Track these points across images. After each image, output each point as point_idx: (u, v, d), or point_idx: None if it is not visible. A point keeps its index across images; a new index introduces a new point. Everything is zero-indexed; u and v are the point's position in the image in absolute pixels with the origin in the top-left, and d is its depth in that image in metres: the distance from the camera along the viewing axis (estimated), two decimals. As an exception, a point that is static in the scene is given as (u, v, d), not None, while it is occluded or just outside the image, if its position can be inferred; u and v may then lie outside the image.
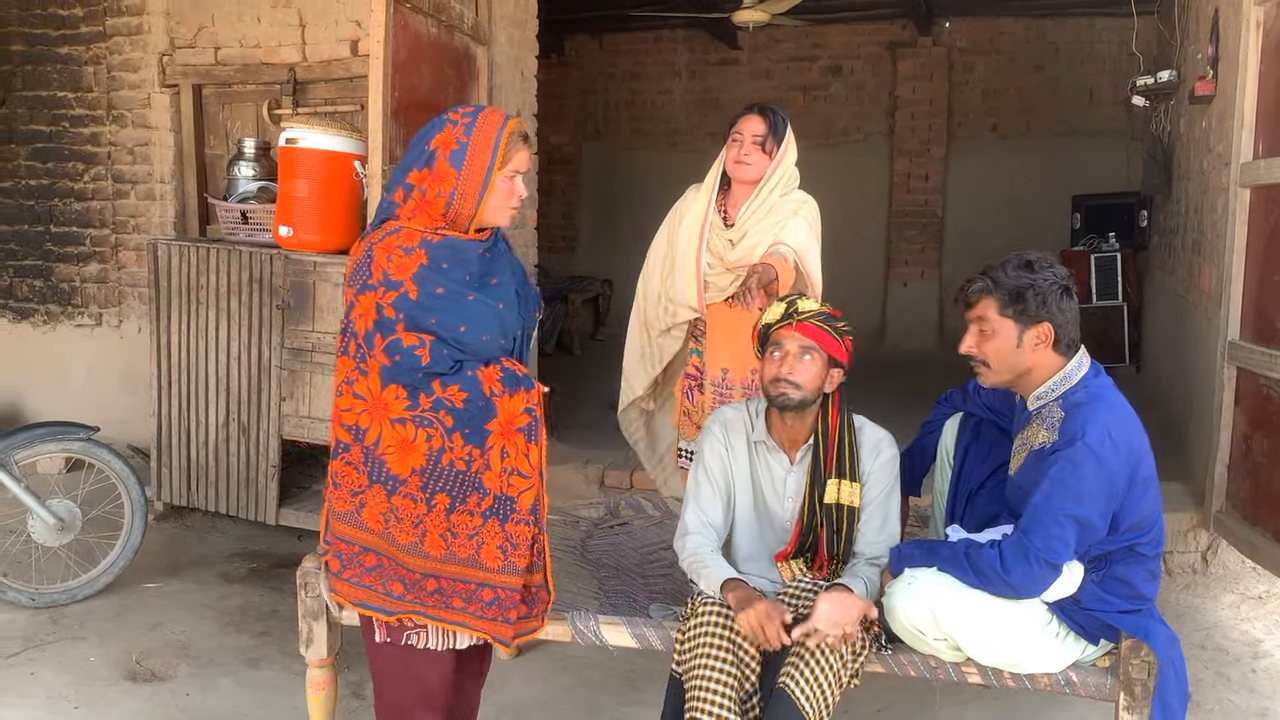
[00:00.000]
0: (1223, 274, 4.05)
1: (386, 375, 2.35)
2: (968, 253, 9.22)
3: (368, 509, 2.42)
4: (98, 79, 5.69)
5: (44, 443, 4.01)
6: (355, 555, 2.47)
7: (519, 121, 2.45)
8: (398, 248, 2.37)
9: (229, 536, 4.81)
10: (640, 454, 4.03)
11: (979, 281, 2.46)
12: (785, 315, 2.64)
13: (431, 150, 2.38)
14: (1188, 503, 4.39)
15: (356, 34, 5.05)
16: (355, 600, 2.49)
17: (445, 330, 2.35)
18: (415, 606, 2.44)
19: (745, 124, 3.47)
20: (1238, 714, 3.30)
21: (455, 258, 2.40)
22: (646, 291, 3.75)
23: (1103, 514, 2.33)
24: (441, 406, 2.35)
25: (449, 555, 2.41)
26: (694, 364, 3.67)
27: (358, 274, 2.39)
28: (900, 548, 2.54)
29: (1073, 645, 2.46)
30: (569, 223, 10.76)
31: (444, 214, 2.39)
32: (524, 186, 2.49)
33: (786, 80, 9.99)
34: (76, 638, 3.76)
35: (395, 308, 2.33)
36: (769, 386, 2.63)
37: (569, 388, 6.70)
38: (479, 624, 2.44)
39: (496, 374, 2.40)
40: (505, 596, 2.43)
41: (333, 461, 2.47)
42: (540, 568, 2.52)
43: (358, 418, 2.40)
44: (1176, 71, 6.14)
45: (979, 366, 2.51)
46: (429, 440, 2.36)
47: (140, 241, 5.61)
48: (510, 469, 2.40)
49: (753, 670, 2.43)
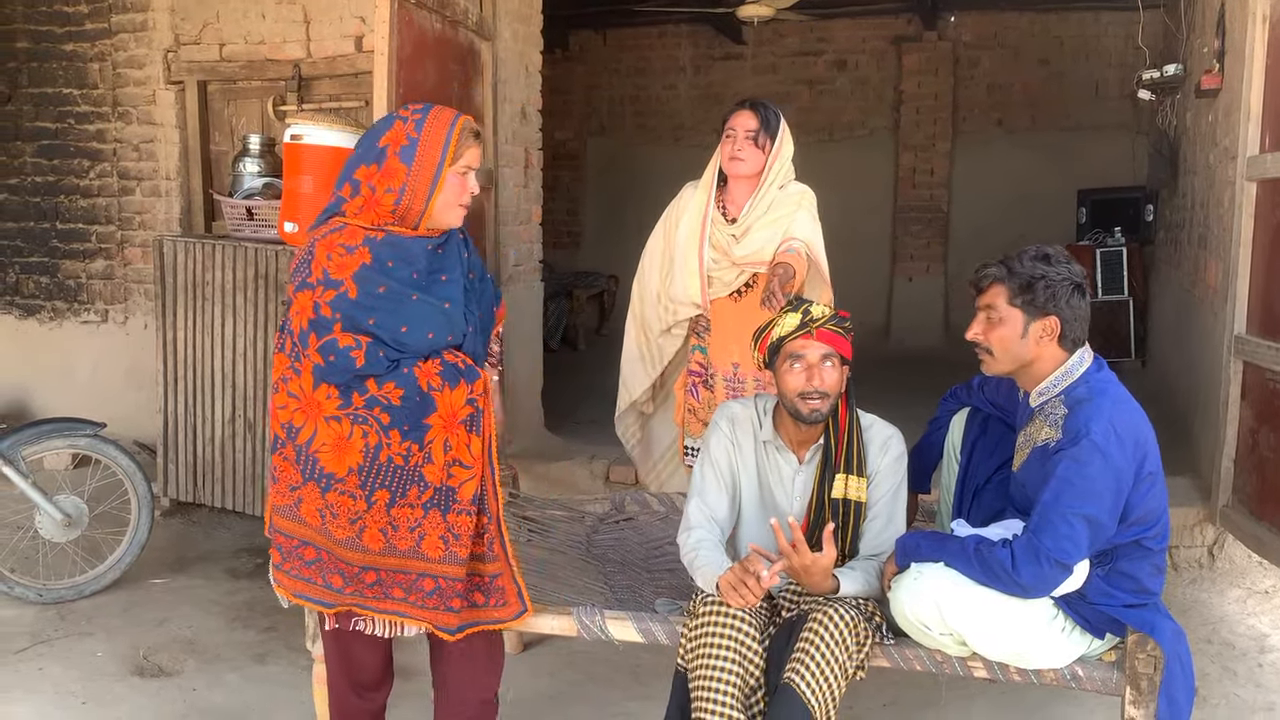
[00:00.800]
0: (1229, 268, 4.04)
1: (319, 375, 2.33)
2: (973, 248, 9.19)
3: (304, 505, 2.42)
4: (103, 76, 5.70)
5: (50, 439, 4.02)
6: (294, 548, 2.47)
7: (469, 119, 2.44)
8: (339, 245, 2.35)
9: (235, 532, 4.82)
10: (635, 458, 4.03)
11: (992, 268, 2.46)
12: (802, 325, 2.60)
13: (381, 147, 2.37)
14: (1194, 497, 4.38)
15: (361, 30, 5.05)
16: (295, 592, 2.49)
17: (384, 331, 2.33)
18: (355, 599, 2.45)
19: (737, 120, 3.47)
20: (1244, 709, 3.29)
21: (400, 255, 2.37)
22: (643, 294, 3.74)
23: (1112, 510, 2.32)
24: (376, 404, 2.33)
25: (388, 548, 2.41)
26: (697, 360, 3.67)
27: (297, 271, 2.37)
28: (906, 539, 2.53)
29: (1079, 639, 2.46)
30: (574, 218, 10.76)
31: (393, 211, 2.37)
32: (476, 184, 2.47)
33: (791, 75, 9.98)
34: (84, 633, 3.77)
35: (332, 307, 2.31)
36: (797, 402, 2.59)
37: (573, 383, 6.70)
38: (419, 613, 2.44)
39: (435, 368, 2.38)
40: (446, 586, 2.42)
41: (273, 455, 2.47)
42: (495, 558, 2.49)
43: (291, 415, 2.39)
44: (1182, 65, 6.13)
45: (983, 354, 2.50)
46: (365, 437, 2.34)
47: (146, 238, 5.62)
48: (452, 460, 2.39)
49: (757, 665, 2.43)
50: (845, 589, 2.48)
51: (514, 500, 3.54)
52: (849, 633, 2.38)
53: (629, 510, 3.64)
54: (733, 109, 3.52)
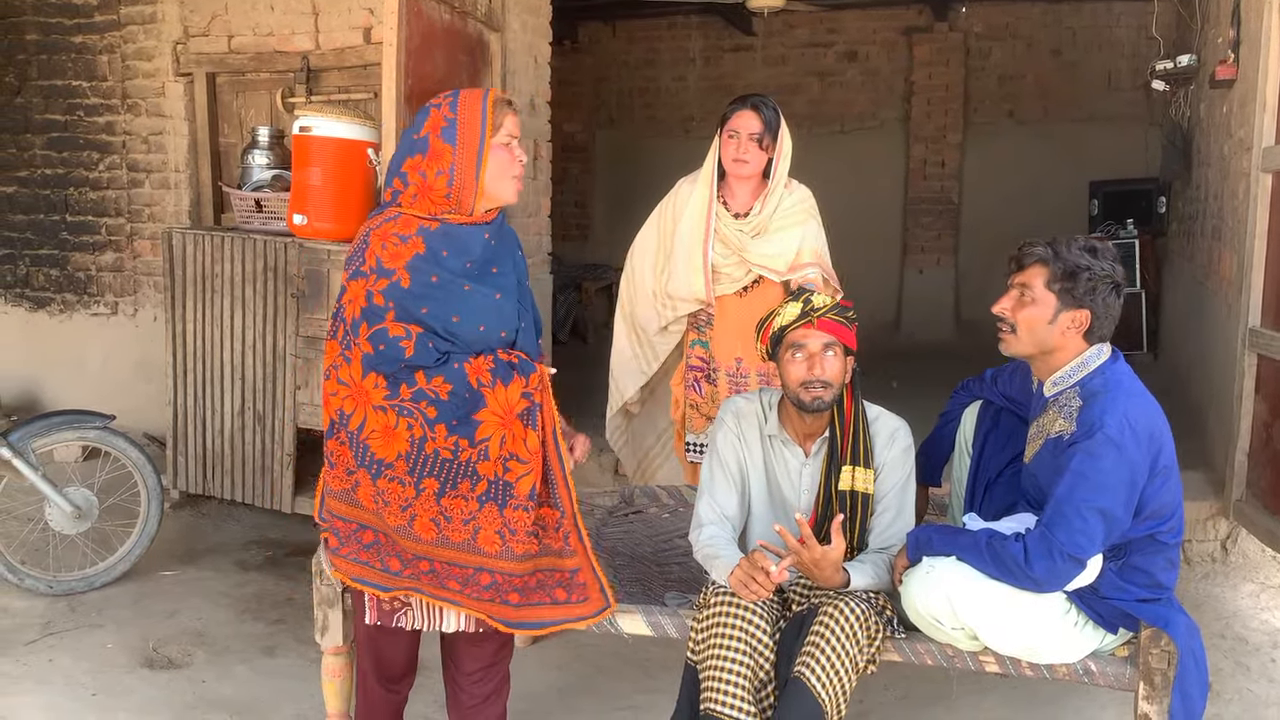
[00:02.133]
0: (1243, 260, 4.01)
1: (368, 363, 2.34)
2: (984, 240, 9.15)
3: (361, 489, 2.43)
4: (112, 68, 5.70)
5: (60, 431, 4.03)
6: (353, 532, 2.48)
7: (497, 90, 2.47)
8: (394, 235, 2.36)
9: (245, 524, 4.83)
10: (621, 457, 4.02)
11: (1039, 248, 2.42)
12: (803, 314, 2.59)
13: (423, 136, 2.39)
14: (1207, 491, 4.36)
15: (369, 21, 5.04)
16: (353, 575, 2.51)
17: (436, 320, 2.34)
18: (411, 583, 2.45)
19: (740, 121, 3.44)
20: (1257, 703, 3.27)
21: (455, 245, 2.38)
22: (634, 292, 3.71)
23: (1126, 504, 2.30)
24: (424, 397, 2.34)
25: (441, 539, 2.41)
26: (698, 355, 3.64)
27: (351, 259, 2.38)
28: (918, 532, 2.51)
29: (1091, 634, 2.44)
30: (583, 211, 10.74)
31: (446, 195, 2.38)
32: (523, 152, 2.48)
33: (801, 66, 9.92)
34: (94, 625, 3.78)
35: (385, 296, 2.32)
36: (799, 391, 2.58)
37: (582, 376, 6.68)
38: (474, 605, 2.44)
39: (486, 364, 2.38)
40: (504, 581, 2.43)
41: (328, 441, 2.49)
42: (573, 552, 2.48)
43: (342, 403, 2.40)
44: (1196, 55, 6.07)
45: (1004, 331, 2.47)
46: (410, 430, 2.35)
47: (155, 230, 5.62)
48: (508, 454, 2.38)
49: (767, 659, 2.42)
50: (855, 582, 2.47)
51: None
52: (860, 626, 2.37)
53: (638, 503, 3.64)
54: (732, 108, 3.48)
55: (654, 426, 3.92)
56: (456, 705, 2.70)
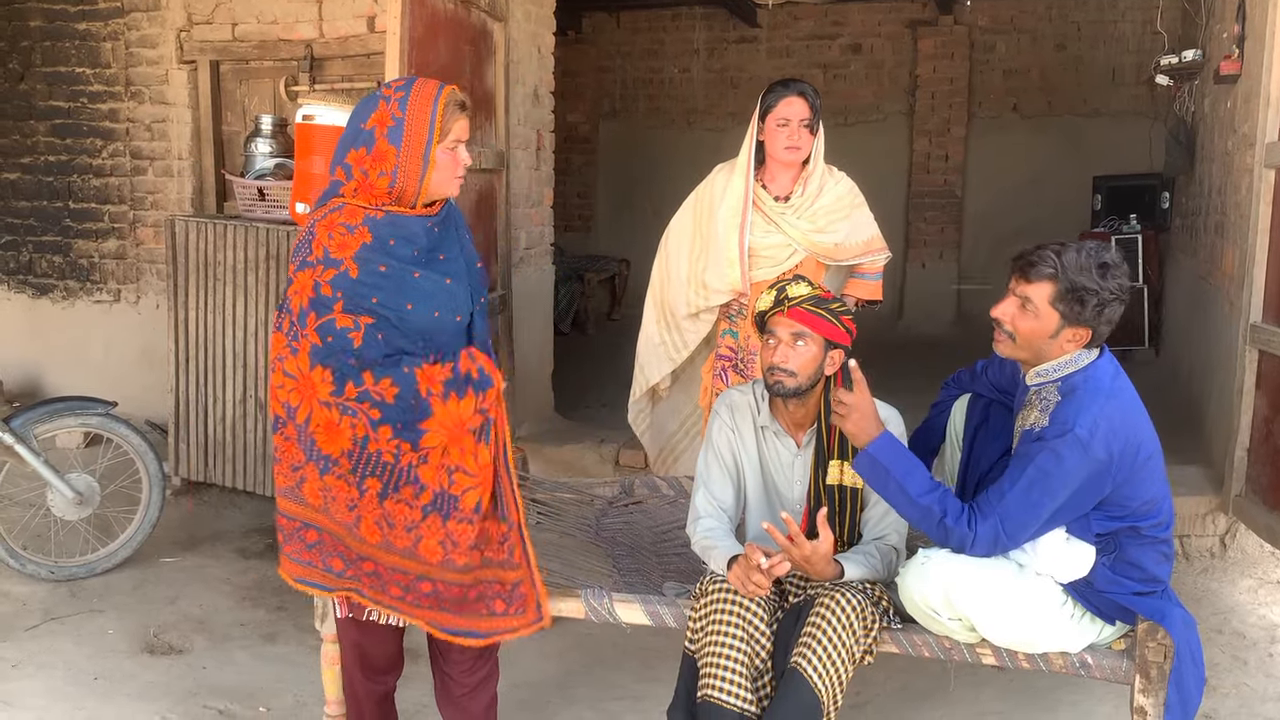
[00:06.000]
0: (1245, 256, 4.01)
1: (315, 355, 2.30)
2: (987, 234, 9.15)
3: (307, 484, 2.40)
4: (115, 55, 5.69)
5: (63, 417, 4.04)
6: (296, 531, 2.46)
7: (453, 90, 2.39)
8: (340, 225, 2.32)
9: (246, 512, 4.84)
10: (645, 444, 4.01)
11: (1047, 265, 2.34)
12: (776, 303, 2.61)
13: (369, 130, 2.33)
14: (1206, 486, 4.35)
15: (373, 10, 5.04)
16: (295, 576, 2.50)
17: (389, 310, 2.31)
18: (353, 584, 2.44)
19: (790, 108, 3.44)
20: (1254, 698, 3.28)
21: (401, 234, 2.35)
22: (667, 276, 3.69)
23: (1078, 506, 2.33)
24: (368, 399, 2.29)
25: (385, 544, 2.39)
26: (728, 344, 3.63)
27: (298, 250, 2.35)
28: (875, 451, 2.43)
29: (1089, 626, 2.45)
30: (586, 202, 10.73)
31: (389, 192, 2.34)
32: (468, 155, 2.43)
33: (806, 58, 9.91)
34: (95, 611, 3.80)
35: (333, 286, 2.29)
36: (766, 375, 2.61)
37: (584, 367, 6.70)
38: (415, 611, 2.43)
39: (441, 374, 2.30)
40: (444, 589, 2.41)
41: (275, 435, 2.44)
42: (517, 566, 2.45)
43: (288, 395, 2.36)
44: (1201, 50, 6.06)
45: (1001, 336, 2.46)
46: (353, 428, 2.31)
47: (158, 218, 5.63)
48: (453, 466, 2.33)
49: (765, 649, 2.43)
50: (849, 574, 2.47)
51: (523, 482, 3.54)
52: (856, 617, 2.37)
53: (638, 494, 3.64)
54: (776, 94, 3.47)
55: (677, 413, 3.91)
56: (446, 694, 2.71)
